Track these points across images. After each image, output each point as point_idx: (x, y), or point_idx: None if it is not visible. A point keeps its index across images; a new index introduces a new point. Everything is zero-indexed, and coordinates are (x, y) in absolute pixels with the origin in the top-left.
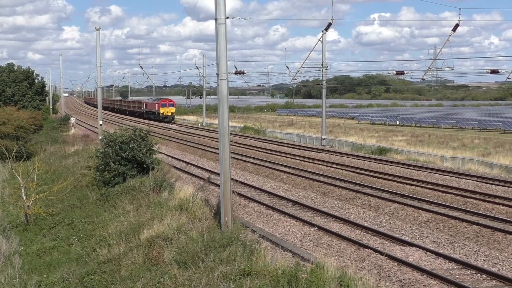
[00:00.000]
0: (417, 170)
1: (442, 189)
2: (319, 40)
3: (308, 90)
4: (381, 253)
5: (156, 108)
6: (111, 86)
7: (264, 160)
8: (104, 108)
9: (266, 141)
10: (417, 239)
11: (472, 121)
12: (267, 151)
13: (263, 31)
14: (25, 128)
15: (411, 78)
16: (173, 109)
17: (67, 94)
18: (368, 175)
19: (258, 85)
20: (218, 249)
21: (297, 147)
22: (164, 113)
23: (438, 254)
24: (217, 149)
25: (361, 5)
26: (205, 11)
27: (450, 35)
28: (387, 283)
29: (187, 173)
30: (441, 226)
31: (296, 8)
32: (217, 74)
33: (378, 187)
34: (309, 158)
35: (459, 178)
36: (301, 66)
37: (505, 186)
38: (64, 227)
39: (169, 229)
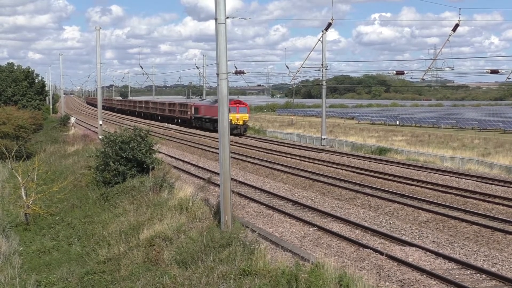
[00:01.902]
0: (417, 170)
1: (442, 189)
2: (319, 40)
3: (308, 90)
4: (381, 253)
5: None
6: (111, 85)
7: (264, 160)
8: (120, 111)
9: (266, 141)
10: (416, 239)
11: (472, 121)
12: (267, 151)
13: (264, 31)
14: (25, 127)
15: (411, 78)
16: (245, 115)
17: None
18: (368, 175)
19: (258, 85)
20: (217, 249)
21: (297, 147)
22: (233, 121)
23: (437, 254)
24: (217, 149)
25: (362, 5)
26: (206, 11)
27: (450, 35)
28: (387, 283)
29: (187, 172)
30: (440, 226)
31: (297, 8)
32: (217, 74)
33: (378, 187)
34: (309, 158)
35: (459, 178)
36: (301, 66)
37: (505, 186)
38: (64, 227)
39: (169, 229)
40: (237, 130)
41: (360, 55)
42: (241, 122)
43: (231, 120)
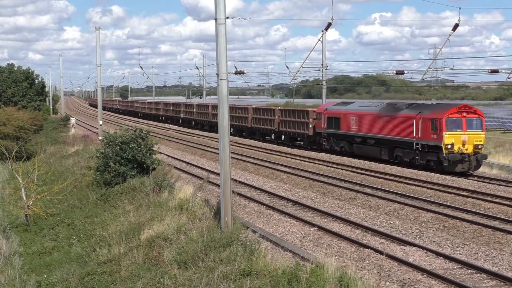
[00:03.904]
0: (417, 169)
1: (442, 188)
2: (319, 40)
3: (308, 90)
4: (381, 253)
5: (429, 134)
6: (111, 86)
7: (264, 160)
8: (147, 117)
9: (266, 141)
10: (417, 239)
11: None
12: (267, 151)
13: (264, 31)
14: (25, 128)
15: (411, 77)
16: (480, 136)
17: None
18: (368, 175)
19: (258, 85)
20: (218, 249)
21: (297, 147)
22: (455, 148)
23: (438, 254)
24: (217, 149)
25: (362, 4)
26: (206, 11)
27: (450, 35)
28: (387, 283)
29: (187, 173)
30: (441, 226)
31: (298, 8)
32: (217, 74)
33: (378, 187)
34: (309, 158)
35: (459, 177)
36: (301, 66)
37: (505, 185)
38: (64, 228)
39: (169, 229)
40: (463, 166)
41: (360, 55)
42: (470, 149)
43: (451, 144)
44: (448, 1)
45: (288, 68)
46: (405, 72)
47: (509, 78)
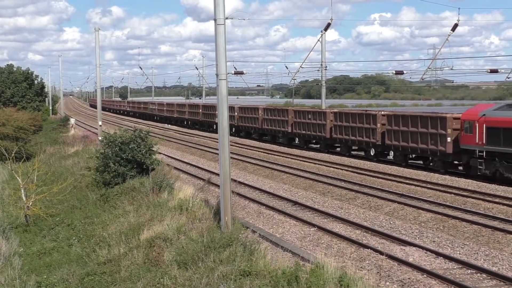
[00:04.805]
0: (417, 169)
1: (442, 188)
2: (319, 40)
3: (308, 90)
4: (381, 253)
5: None
6: (111, 86)
7: (263, 160)
8: (171, 121)
9: (265, 141)
10: (417, 239)
11: None
12: (267, 151)
13: (264, 31)
14: (25, 129)
15: (410, 78)
16: None
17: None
18: (368, 175)
19: (258, 85)
20: (218, 250)
21: (297, 147)
22: None
23: (438, 254)
24: (217, 149)
25: (361, 5)
26: (206, 11)
27: (449, 35)
28: (387, 283)
29: (187, 173)
30: (441, 226)
31: (297, 8)
32: (217, 75)
33: (378, 187)
34: (309, 158)
35: (458, 177)
36: (301, 66)
37: (505, 185)
38: (64, 228)
39: (169, 230)
40: None
41: (360, 55)
42: None
43: None
44: (448, 1)
45: (287, 68)
46: (405, 72)
47: (508, 78)
